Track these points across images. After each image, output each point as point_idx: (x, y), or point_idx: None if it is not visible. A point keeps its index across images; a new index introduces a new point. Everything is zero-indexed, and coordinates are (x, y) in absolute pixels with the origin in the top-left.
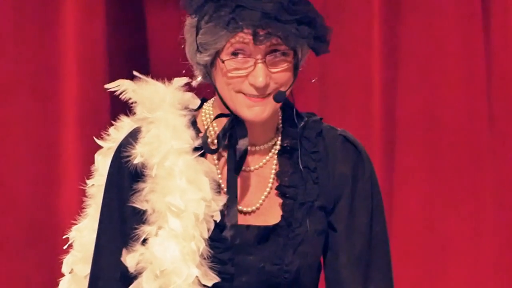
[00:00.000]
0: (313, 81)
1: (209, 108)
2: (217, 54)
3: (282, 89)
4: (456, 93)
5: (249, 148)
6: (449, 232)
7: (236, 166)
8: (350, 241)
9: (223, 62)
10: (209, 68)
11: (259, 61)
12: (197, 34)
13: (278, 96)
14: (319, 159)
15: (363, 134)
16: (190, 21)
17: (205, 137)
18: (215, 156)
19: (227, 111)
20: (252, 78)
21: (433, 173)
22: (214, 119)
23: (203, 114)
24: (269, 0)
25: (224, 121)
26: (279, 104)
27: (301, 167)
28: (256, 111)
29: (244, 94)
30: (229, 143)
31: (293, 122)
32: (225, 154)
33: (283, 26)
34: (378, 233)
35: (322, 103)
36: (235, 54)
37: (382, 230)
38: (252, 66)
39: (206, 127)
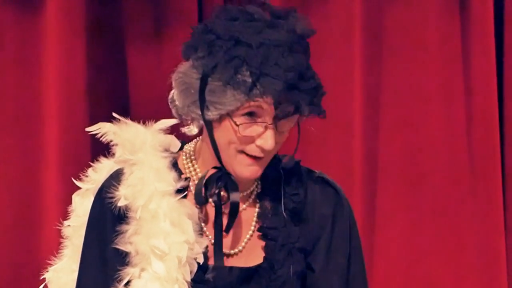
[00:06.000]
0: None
1: (191, 152)
2: (228, 114)
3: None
4: (437, 134)
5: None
6: (431, 273)
7: (229, 221)
8: (328, 282)
9: (237, 125)
10: (210, 124)
11: (270, 126)
12: (202, 89)
13: (289, 162)
14: (299, 201)
15: (344, 174)
16: (186, 70)
17: (198, 187)
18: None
19: (216, 161)
20: (261, 141)
21: (414, 214)
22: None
23: (183, 157)
24: (290, 69)
25: (207, 164)
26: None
27: (282, 209)
28: (253, 170)
29: (245, 154)
30: (217, 191)
31: (272, 166)
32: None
33: (301, 95)
34: (356, 274)
35: (302, 143)
36: (249, 114)
37: (360, 271)
38: (262, 129)
39: (189, 175)
